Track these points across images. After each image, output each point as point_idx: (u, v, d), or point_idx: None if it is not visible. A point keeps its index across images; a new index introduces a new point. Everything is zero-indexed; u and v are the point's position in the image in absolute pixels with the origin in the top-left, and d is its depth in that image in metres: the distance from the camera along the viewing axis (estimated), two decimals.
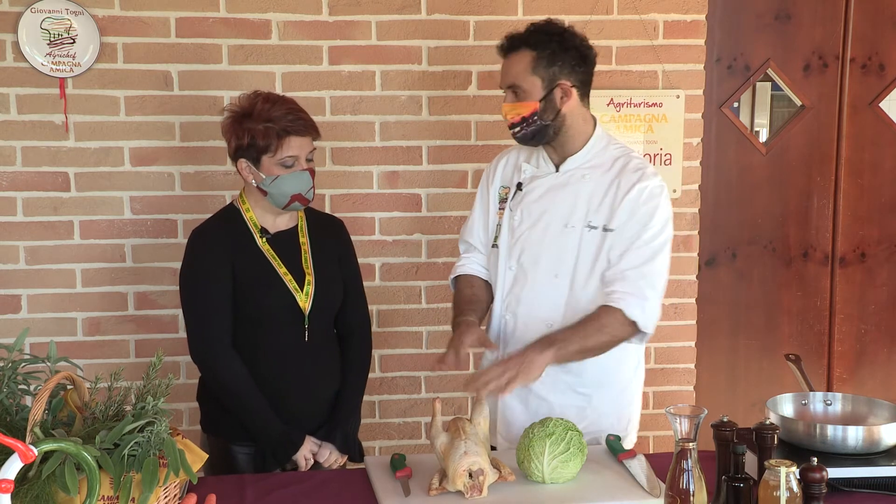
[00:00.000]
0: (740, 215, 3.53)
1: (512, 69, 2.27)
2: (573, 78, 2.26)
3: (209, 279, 2.36)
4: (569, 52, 2.25)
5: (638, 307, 2.18)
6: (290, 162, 2.33)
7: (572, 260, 2.27)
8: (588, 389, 2.33)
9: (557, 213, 2.29)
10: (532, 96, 2.24)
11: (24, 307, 3.08)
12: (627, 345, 2.29)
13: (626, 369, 2.38)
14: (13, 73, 2.98)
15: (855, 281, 3.62)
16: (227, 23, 3.05)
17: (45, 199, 3.05)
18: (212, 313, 2.36)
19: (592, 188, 2.28)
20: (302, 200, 2.38)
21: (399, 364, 3.28)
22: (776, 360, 3.51)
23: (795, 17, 3.44)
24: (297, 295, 2.38)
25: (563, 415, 2.27)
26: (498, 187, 2.45)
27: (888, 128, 3.56)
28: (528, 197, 2.35)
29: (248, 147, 2.33)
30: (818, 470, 1.68)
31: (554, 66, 2.24)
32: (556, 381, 2.30)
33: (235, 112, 2.36)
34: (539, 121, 2.25)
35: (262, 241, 2.40)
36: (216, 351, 2.36)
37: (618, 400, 2.37)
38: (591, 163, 2.31)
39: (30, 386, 1.81)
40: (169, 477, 1.61)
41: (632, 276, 2.20)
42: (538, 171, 2.37)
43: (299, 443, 2.35)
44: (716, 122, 3.45)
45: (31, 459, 1.36)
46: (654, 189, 2.25)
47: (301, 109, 2.37)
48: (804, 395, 2.19)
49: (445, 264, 3.25)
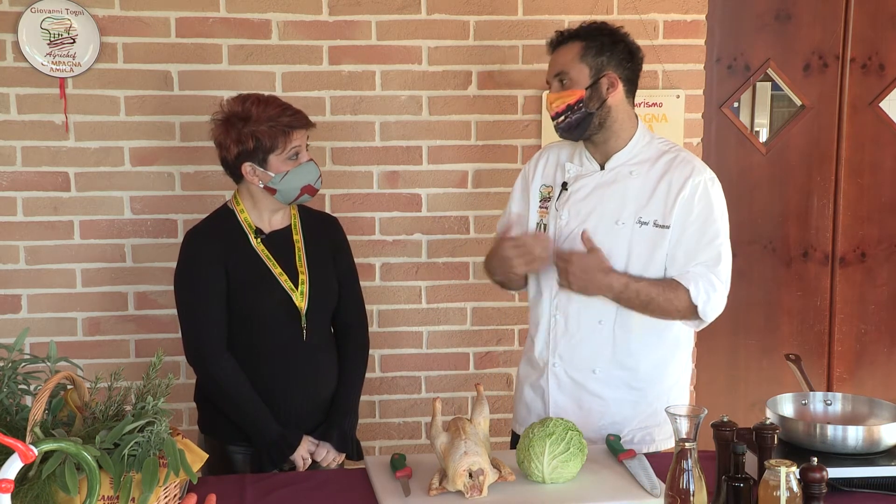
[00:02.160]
0: (740, 215, 3.52)
1: (560, 58, 2.29)
2: (620, 71, 2.27)
3: (203, 281, 2.36)
4: (617, 46, 2.27)
5: (704, 294, 2.21)
6: (296, 155, 2.35)
7: (624, 257, 2.27)
8: (642, 384, 2.33)
9: (607, 211, 2.29)
10: (578, 84, 2.25)
11: (24, 307, 3.08)
12: (681, 338, 2.35)
13: (679, 365, 2.39)
14: (13, 73, 2.98)
15: (855, 281, 3.62)
16: (227, 23, 3.05)
17: (45, 199, 3.05)
18: (206, 315, 2.36)
19: (641, 184, 2.28)
20: (311, 191, 2.39)
21: (399, 364, 3.28)
22: (776, 360, 3.51)
23: (795, 17, 3.44)
24: (293, 294, 2.39)
25: (618, 410, 2.32)
26: (539, 185, 2.43)
27: (888, 128, 3.56)
28: (574, 196, 2.33)
29: (253, 150, 2.33)
30: (818, 470, 1.68)
31: (602, 55, 2.25)
32: (609, 376, 2.32)
33: (228, 118, 2.36)
34: (584, 108, 2.25)
35: (256, 242, 2.40)
36: (211, 352, 2.36)
37: (669, 394, 2.37)
38: (636, 158, 2.31)
39: (30, 386, 1.81)
40: (169, 477, 1.61)
41: (702, 270, 2.23)
42: (583, 169, 2.36)
43: (296, 444, 2.35)
44: (716, 122, 3.45)
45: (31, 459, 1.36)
46: (707, 182, 2.27)
47: (290, 105, 2.40)
48: (804, 395, 2.19)
49: (445, 264, 3.25)
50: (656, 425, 2.34)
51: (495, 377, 3.27)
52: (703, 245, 2.24)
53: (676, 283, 2.24)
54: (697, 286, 2.21)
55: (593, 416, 2.30)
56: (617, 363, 2.31)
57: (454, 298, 3.27)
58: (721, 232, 2.27)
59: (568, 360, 2.32)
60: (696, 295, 2.21)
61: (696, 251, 2.24)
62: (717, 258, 2.25)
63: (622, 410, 2.31)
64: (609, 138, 2.31)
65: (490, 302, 3.28)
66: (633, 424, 2.32)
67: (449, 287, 3.27)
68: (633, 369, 2.32)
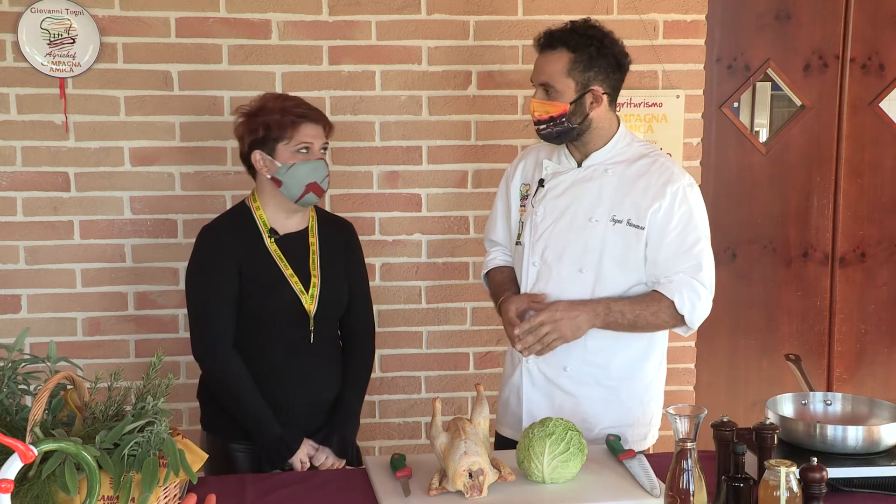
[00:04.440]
0: (740, 215, 3.53)
1: (547, 68, 2.29)
2: (606, 84, 2.29)
3: (217, 278, 2.36)
4: (606, 59, 2.27)
5: (689, 303, 2.22)
6: (305, 149, 2.36)
7: (597, 254, 2.28)
8: (614, 382, 2.34)
9: (581, 208, 2.31)
10: (563, 98, 2.26)
11: (24, 307, 3.08)
12: (654, 338, 2.36)
13: (652, 364, 2.40)
14: (13, 73, 2.98)
15: (855, 281, 3.62)
16: (227, 23, 3.05)
17: (45, 199, 3.05)
18: (216, 312, 2.36)
19: (617, 183, 2.30)
20: (317, 190, 2.38)
21: (399, 364, 3.28)
22: (776, 360, 3.51)
23: (795, 17, 3.44)
24: (303, 297, 2.39)
25: (590, 408, 2.33)
26: (519, 184, 2.47)
27: (888, 128, 3.56)
28: (550, 193, 2.36)
29: (262, 138, 2.35)
30: (818, 470, 1.68)
31: (590, 71, 2.26)
32: (582, 374, 2.33)
33: (248, 112, 2.41)
34: (567, 123, 2.27)
35: (270, 242, 2.40)
36: (217, 350, 2.36)
37: (643, 394, 2.38)
38: (614, 158, 2.33)
39: (30, 386, 1.81)
40: (169, 477, 1.62)
41: (684, 278, 2.24)
42: (560, 167, 2.38)
43: (295, 447, 2.34)
44: (716, 122, 3.45)
45: (31, 459, 1.36)
46: (686, 188, 2.27)
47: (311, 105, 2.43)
48: (804, 395, 2.19)
49: (445, 264, 3.25)
50: (629, 425, 2.34)
51: (495, 377, 3.27)
52: (683, 251, 2.25)
53: (660, 294, 2.24)
54: (682, 296, 2.22)
55: (564, 414, 2.29)
56: (588, 361, 2.32)
57: (454, 298, 3.27)
58: (702, 237, 2.28)
59: (540, 357, 2.32)
60: (681, 305, 2.22)
61: (678, 258, 2.25)
62: (698, 265, 2.25)
63: (593, 408, 2.32)
64: (589, 142, 2.34)
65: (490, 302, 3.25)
66: (604, 423, 2.32)
67: (449, 287, 3.27)
68: (605, 367, 2.33)
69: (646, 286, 2.30)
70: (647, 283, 2.29)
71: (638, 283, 2.30)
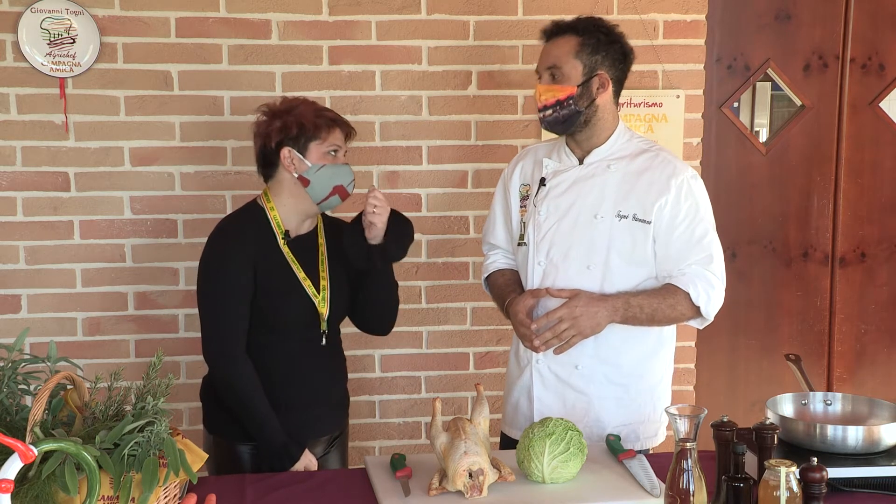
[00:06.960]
0: (740, 215, 3.53)
1: (554, 51, 2.29)
2: (612, 72, 2.29)
3: (232, 281, 2.32)
4: (613, 46, 2.29)
5: (705, 294, 2.23)
6: (334, 152, 2.37)
7: (604, 250, 2.28)
8: (625, 379, 2.34)
9: (585, 205, 2.31)
10: (570, 80, 2.26)
11: (24, 307, 3.08)
12: (664, 335, 2.36)
13: (662, 361, 2.40)
14: (13, 73, 2.98)
15: (855, 281, 3.62)
16: (227, 23, 3.05)
17: (45, 199, 3.05)
18: (231, 314, 2.32)
19: (620, 178, 2.30)
20: (343, 194, 2.38)
21: (399, 364, 3.28)
22: (776, 360, 3.51)
23: (795, 17, 3.44)
24: (316, 299, 2.38)
25: (601, 407, 2.33)
26: (518, 186, 2.46)
27: (888, 128, 3.56)
28: (553, 191, 2.35)
29: (296, 135, 2.34)
30: (818, 470, 1.68)
31: (597, 54, 2.27)
32: (594, 371, 2.32)
33: (274, 111, 2.39)
34: (573, 105, 2.26)
35: (282, 243, 2.39)
36: (231, 354, 2.32)
37: (653, 391, 2.38)
38: (615, 154, 2.33)
39: (30, 386, 1.81)
40: (169, 477, 1.62)
41: (697, 269, 2.25)
42: (561, 165, 2.37)
43: (297, 456, 2.32)
44: (716, 122, 3.45)
45: (31, 459, 1.36)
46: (689, 180, 2.28)
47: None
48: (804, 395, 2.19)
49: (445, 264, 3.25)
50: (640, 422, 2.35)
51: (495, 377, 3.27)
52: (693, 244, 2.26)
53: (675, 287, 2.25)
54: (697, 287, 2.23)
55: (577, 413, 2.31)
56: (600, 358, 2.32)
57: (454, 298, 3.27)
58: (710, 228, 2.29)
59: (551, 356, 2.32)
60: (696, 296, 2.23)
61: (689, 251, 2.26)
62: (709, 256, 2.26)
63: (606, 407, 2.32)
64: (592, 135, 2.33)
65: (490, 302, 3.24)
66: (617, 421, 2.32)
67: (449, 287, 3.27)
68: (616, 364, 2.33)
69: (654, 280, 2.30)
70: (658, 277, 2.29)
71: (647, 277, 2.30)
